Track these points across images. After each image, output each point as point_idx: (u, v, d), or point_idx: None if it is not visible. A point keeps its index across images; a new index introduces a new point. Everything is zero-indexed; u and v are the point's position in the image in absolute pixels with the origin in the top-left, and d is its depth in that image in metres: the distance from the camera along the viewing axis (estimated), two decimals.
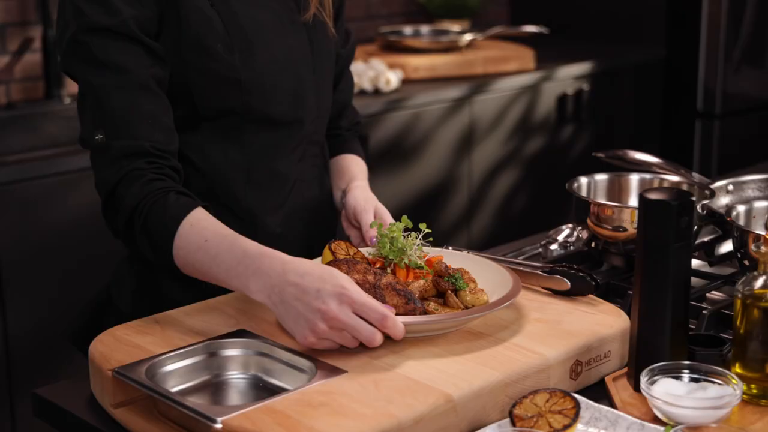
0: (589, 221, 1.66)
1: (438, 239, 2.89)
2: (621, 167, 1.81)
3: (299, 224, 1.62)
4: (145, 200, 1.38)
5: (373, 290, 1.34)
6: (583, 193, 1.75)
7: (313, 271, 1.25)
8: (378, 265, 1.45)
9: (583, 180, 1.77)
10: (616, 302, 1.56)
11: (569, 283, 1.49)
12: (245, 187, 1.54)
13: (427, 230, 1.47)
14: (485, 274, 1.47)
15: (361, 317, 1.24)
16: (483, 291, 1.41)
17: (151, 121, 1.42)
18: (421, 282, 1.41)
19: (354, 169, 1.71)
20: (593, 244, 1.70)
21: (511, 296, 1.37)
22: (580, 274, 1.50)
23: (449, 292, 1.39)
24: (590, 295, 1.50)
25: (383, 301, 1.33)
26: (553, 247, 1.81)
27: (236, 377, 1.30)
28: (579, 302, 1.49)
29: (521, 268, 1.54)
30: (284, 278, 1.26)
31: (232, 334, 1.33)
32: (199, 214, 1.37)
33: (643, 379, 1.26)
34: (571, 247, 1.82)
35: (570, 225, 1.84)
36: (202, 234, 1.34)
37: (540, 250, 1.83)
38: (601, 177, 1.78)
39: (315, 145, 1.64)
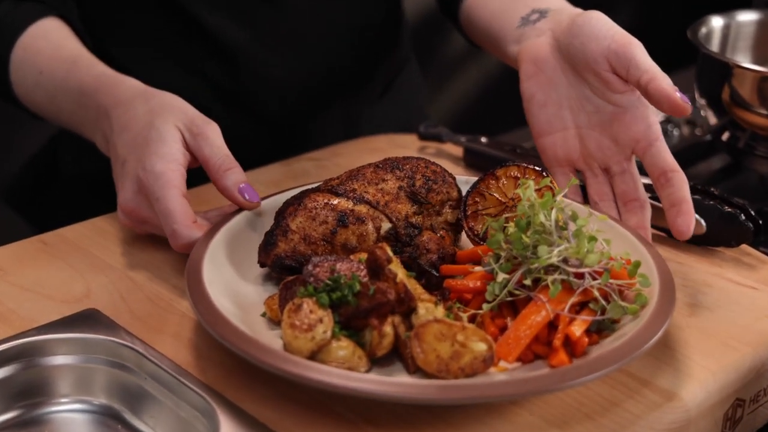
0: (724, 97, 0.95)
1: (439, 76, 2.24)
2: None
3: (315, 68, 1.13)
4: None
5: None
6: (715, 46, 1.02)
7: (134, 124, 0.88)
8: None
9: (716, 23, 1.04)
10: None
11: (704, 224, 0.82)
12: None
13: (603, 216, 0.78)
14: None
15: None
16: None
17: None
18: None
19: None
20: (726, 136, 0.99)
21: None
22: (727, 209, 0.82)
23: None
24: (744, 246, 0.83)
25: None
26: None
27: (71, 410, 0.76)
28: (723, 260, 0.84)
29: None
30: (110, 133, 0.91)
31: (72, 319, 0.78)
32: (37, 30, 1.01)
33: None
34: (674, 132, 1.13)
35: None
36: (36, 62, 1.00)
37: None
38: (748, 17, 1.06)
39: None
